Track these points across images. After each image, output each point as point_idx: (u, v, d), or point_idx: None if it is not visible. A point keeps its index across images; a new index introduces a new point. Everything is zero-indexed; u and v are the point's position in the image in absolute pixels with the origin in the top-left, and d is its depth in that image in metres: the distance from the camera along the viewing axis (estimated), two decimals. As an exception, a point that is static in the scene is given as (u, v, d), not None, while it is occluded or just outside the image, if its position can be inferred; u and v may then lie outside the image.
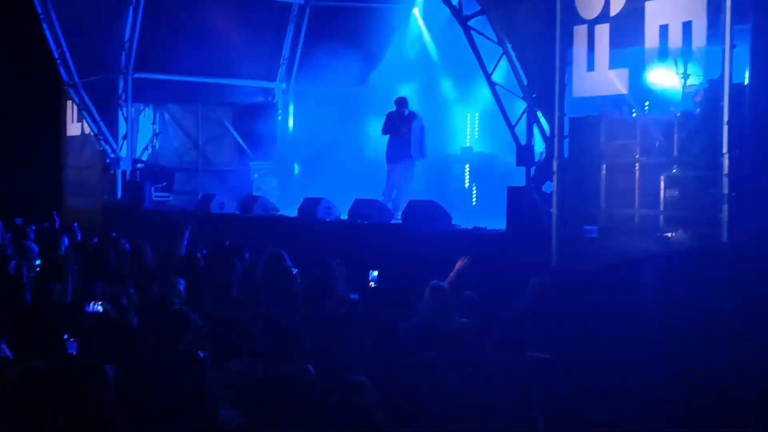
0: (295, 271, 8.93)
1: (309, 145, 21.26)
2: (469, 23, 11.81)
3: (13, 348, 6.26)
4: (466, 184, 17.63)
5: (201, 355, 5.02)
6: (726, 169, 8.49)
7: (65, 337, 5.88)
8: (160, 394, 4.81)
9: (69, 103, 22.46)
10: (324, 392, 4.86)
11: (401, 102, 15.53)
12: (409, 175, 15.60)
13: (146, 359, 5.55)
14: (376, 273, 9.13)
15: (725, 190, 8.49)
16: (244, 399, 5.03)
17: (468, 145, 18.34)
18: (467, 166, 17.69)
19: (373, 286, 9.10)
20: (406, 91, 17.07)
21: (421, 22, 19.22)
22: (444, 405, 5.18)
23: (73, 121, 22.92)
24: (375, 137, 17.44)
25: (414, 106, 15.88)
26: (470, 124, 18.59)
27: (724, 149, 8.52)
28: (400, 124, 15.36)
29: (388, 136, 15.51)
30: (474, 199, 17.32)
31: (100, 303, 6.98)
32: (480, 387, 5.70)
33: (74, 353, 5.75)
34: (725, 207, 8.49)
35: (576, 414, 6.35)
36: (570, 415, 6.30)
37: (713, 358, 7.98)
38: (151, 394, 4.84)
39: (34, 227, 14.19)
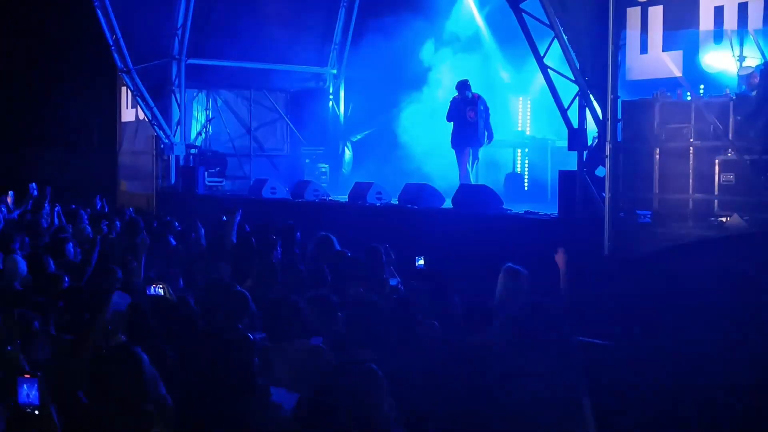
0: (349, 254, 8.94)
1: (361, 130, 21.32)
2: (521, 5, 11.70)
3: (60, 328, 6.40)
4: (518, 169, 17.54)
5: (251, 337, 5.06)
6: (783, 153, 8.36)
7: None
8: (214, 375, 4.86)
9: (123, 89, 22.74)
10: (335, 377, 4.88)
11: (464, 85, 15.34)
12: (477, 159, 15.49)
13: (203, 341, 5.58)
14: (422, 261, 9.07)
15: (782, 175, 8.36)
16: (305, 382, 5.06)
17: (520, 129, 18.21)
18: (519, 150, 17.58)
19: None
20: (458, 75, 16.97)
21: (472, 4, 19.08)
22: (494, 387, 5.18)
23: (127, 107, 23.22)
24: (429, 122, 17.43)
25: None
26: (523, 108, 18.47)
27: (781, 132, 8.39)
28: (465, 108, 15.18)
29: (452, 123, 15.32)
30: (526, 184, 17.22)
31: (161, 286, 7.02)
32: (531, 370, 5.68)
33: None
34: (781, 191, 8.36)
35: (626, 400, 6.31)
36: (620, 401, 6.25)
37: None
38: (205, 375, 4.89)
39: (89, 211, 14.41)
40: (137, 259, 8.52)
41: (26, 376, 4.07)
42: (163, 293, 6.91)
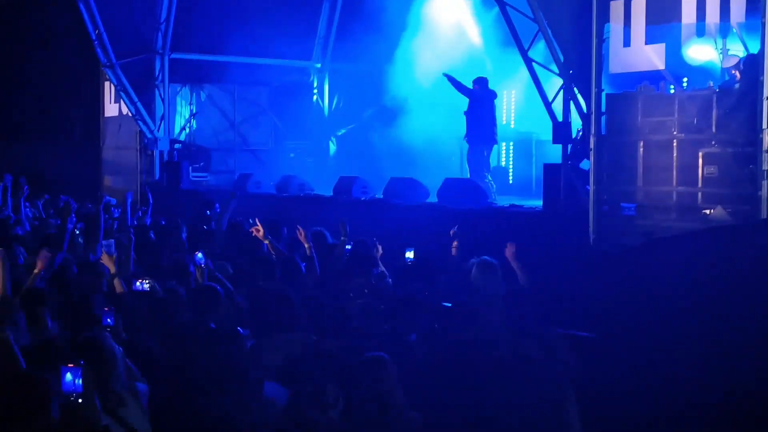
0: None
1: (346, 124, 21.30)
2: (505, 0, 11.73)
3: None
4: (503, 163, 17.55)
5: (241, 331, 5.07)
6: (765, 146, 8.40)
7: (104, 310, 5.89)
8: (205, 370, 4.85)
9: (107, 83, 22.63)
10: (347, 368, 4.92)
11: (484, 82, 14.62)
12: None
13: (192, 335, 5.57)
14: (411, 253, 9.08)
15: (764, 167, 8.40)
16: (289, 373, 5.08)
17: (505, 122, 18.20)
18: (504, 144, 17.57)
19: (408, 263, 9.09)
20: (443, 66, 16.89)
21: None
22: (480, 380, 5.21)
23: (111, 102, 23.11)
24: (414, 116, 17.40)
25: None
26: (507, 101, 18.46)
27: (764, 125, 8.42)
28: (487, 104, 14.40)
29: (466, 116, 14.52)
30: (511, 178, 17.25)
31: (147, 282, 7.00)
32: (529, 358, 5.72)
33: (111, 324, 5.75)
34: (764, 183, 8.40)
35: (609, 392, 6.35)
36: (604, 393, 6.30)
37: (753, 335, 7.94)
38: (196, 370, 4.89)
39: (75, 207, 14.34)
40: (125, 254, 8.51)
41: (70, 365, 4.10)
42: (149, 288, 6.92)
